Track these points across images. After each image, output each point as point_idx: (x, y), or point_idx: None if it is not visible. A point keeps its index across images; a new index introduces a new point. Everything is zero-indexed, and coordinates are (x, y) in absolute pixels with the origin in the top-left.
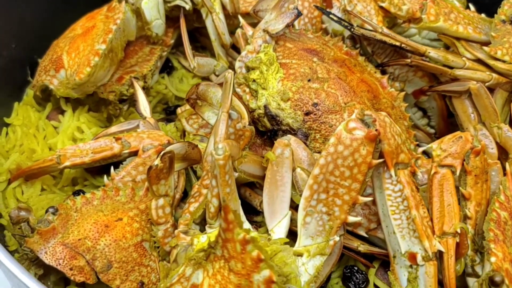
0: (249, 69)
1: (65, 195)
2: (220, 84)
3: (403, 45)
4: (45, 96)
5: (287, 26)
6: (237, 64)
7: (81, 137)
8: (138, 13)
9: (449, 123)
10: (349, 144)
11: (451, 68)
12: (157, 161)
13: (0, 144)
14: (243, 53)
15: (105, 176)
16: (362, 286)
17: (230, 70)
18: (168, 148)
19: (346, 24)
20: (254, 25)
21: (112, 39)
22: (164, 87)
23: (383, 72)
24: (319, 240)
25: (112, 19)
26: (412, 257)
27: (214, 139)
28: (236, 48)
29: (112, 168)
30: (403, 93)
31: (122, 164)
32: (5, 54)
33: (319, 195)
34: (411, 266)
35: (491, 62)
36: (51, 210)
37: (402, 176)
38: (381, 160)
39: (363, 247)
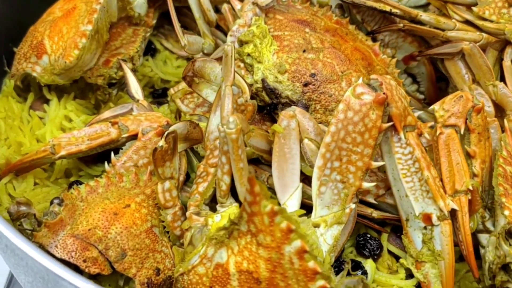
0: (242, 43)
1: (60, 188)
2: (217, 59)
3: (394, 10)
4: (25, 85)
5: None
6: (229, 39)
7: (70, 126)
8: None
9: (438, 88)
10: (358, 109)
11: (442, 30)
12: (161, 142)
13: None
14: (234, 27)
15: (105, 163)
16: (377, 253)
17: (229, 43)
18: (171, 128)
19: None
20: None
21: (97, 19)
22: (149, 70)
23: (374, 40)
24: (335, 209)
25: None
26: (427, 218)
27: (220, 114)
28: (219, 27)
29: (112, 153)
30: (395, 59)
31: (122, 149)
32: None
33: (333, 163)
34: (425, 228)
35: (480, 23)
36: (56, 201)
37: (411, 138)
38: (390, 123)
39: (376, 213)
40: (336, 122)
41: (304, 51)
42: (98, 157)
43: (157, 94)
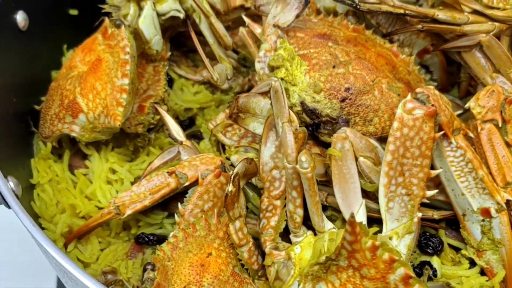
0: (272, 68)
1: (122, 241)
2: (260, 93)
3: (409, 12)
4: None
5: (297, 17)
6: (258, 66)
7: (116, 177)
8: (135, 33)
9: (448, 73)
10: (412, 124)
11: (458, 25)
12: (230, 188)
13: (39, 210)
14: (260, 53)
15: (175, 215)
16: (439, 249)
17: (274, 78)
18: (235, 171)
19: (350, 2)
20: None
21: (131, 70)
22: (174, 103)
23: (391, 41)
24: (404, 221)
25: (119, 48)
26: (485, 212)
27: (284, 151)
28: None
29: (179, 204)
30: (413, 57)
31: (185, 197)
32: (11, 112)
33: (397, 179)
34: (483, 220)
35: (489, 12)
36: (149, 267)
37: (460, 141)
38: (442, 132)
39: (437, 214)
40: (394, 140)
41: (333, 66)
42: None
43: (185, 125)
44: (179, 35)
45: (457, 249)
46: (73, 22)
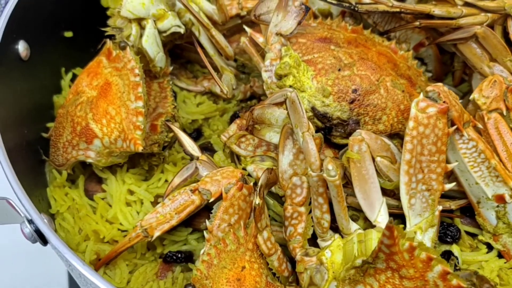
0: (280, 77)
1: (149, 261)
2: (275, 104)
3: (405, 10)
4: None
5: (299, 24)
6: (266, 75)
7: (134, 198)
8: (139, 52)
9: (442, 63)
10: (427, 122)
11: (452, 19)
12: (258, 201)
13: (66, 239)
14: (266, 63)
15: (204, 232)
16: (457, 237)
17: (290, 89)
18: (260, 183)
19: (347, 4)
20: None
21: (143, 92)
22: (181, 117)
23: (388, 39)
24: (426, 215)
25: (128, 70)
26: (500, 198)
27: (307, 160)
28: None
29: (207, 221)
30: (410, 52)
31: (211, 212)
32: (25, 144)
33: (417, 176)
34: (497, 206)
35: (481, 3)
36: None
37: (472, 133)
38: (455, 126)
39: (454, 205)
40: (411, 139)
41: (339, 69)
42: None
43: (194, 138)
44: (174, 47)
45: (473, 235)
46: (69, 44)
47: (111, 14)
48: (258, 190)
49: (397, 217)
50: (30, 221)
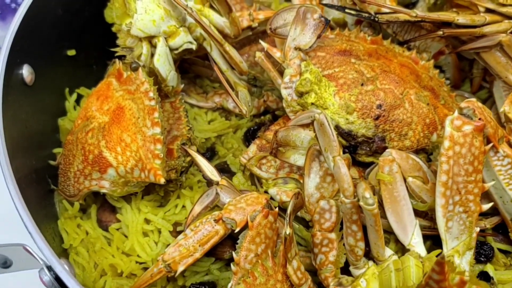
0: (301, 94)
1: None
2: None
3: (428, 20)
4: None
5: (319, 37)
6: (286, 92)
7: (151, 228)
8: (150, 72)
9: (461, 71)
10: (463, 141)
11: (476, 27)
12: (288, 230)
13: (81, 278)
14: (286, 79)
15: (231, 265)
16: (491, 255)
17: (317, 110)
18: (289, 211)
19: (366, 15)
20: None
21: (160, 117)
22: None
23: (408, 48)
24: (464, 238)
25: (142, 93)
26: None
27: (340, 186)
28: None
29: (233, 253)
30: (432, 61)
31: (237, 243)
32: (33, 173)
33: (454, 198)
34: None
35: (503, 10)
36: None
37: (507, 149)
38: (491, 144)
39: (488, 223)
40: (447, 160)
41: (362, 84)
42: None
43: (208, 158)
44: (182, 61)
45: (506, 253)
46: (72, 63)
47: (116, 30)
48: (287, 218)
49: (430, 237)
50: (50, 268)
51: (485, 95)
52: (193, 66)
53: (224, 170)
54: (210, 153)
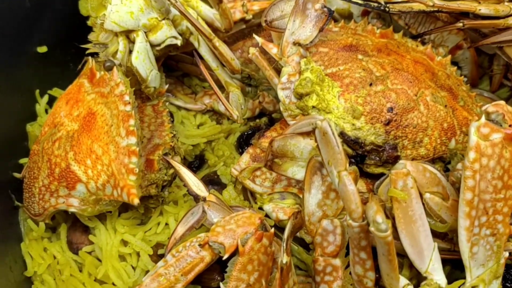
0: (301, 96)
1: None
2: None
3: (446, 10)
4: None
5: (321, 30)
6: (283, 94)
7: (129, 251)
8: (129, 71)
9: (479, 67)
10: (491, 152)
11: (500, 18)
12: (285, 259)
13: None
14: (283, 79)
15: None
16: None
17: (320, 117)
18: (285, 236)
19: (376, 4)
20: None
21: (136, 125)
22: (179, 143)
23: (423, 42)
24: (491, 265)
25: (116, 97)
26: None
27: (347, 207)
28: None
29: (221, 284)
30: (449, 57)
31: (226, 272)
32: None
33: (480, 220)
34: None
35: None
36: None
37: None
38: None
39: None
40: (473, 174)
41: (370, 84)
42: None
43: (196, 167)
44: (168, 58)
45: None
46: (43, 61)
47: (92, 24)
48: (284, 244)
49: (449, 261)
50: None
51: (506, 94)
52: (180, 63)
53: (214, 181)
54: (198, 162)
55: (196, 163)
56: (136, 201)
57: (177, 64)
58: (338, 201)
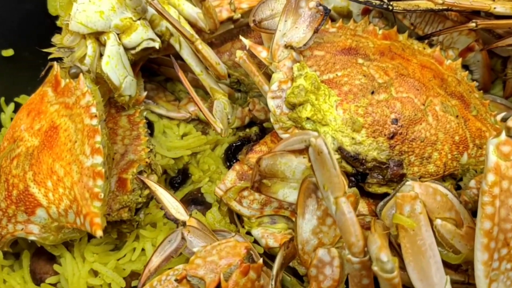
0: (293, 106)
1: None
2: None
3: (457, 8)
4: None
5: (316, 32)
6: (273, 103)
7: (99, 282)
8: (99, 78)
9: (491, 71)
10: None
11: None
12: None
13: None
14: (273, 86)
15: None
16: None
17: (314, 133)
18: (275, 270)
19: (378, 2)
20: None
21: (103, 141)
22: (159, 157)
23: (430, 44)
24: None
25: (81, 109)
26: None
27: (346, 240)
28: None
29: None
30: (459, 60)
31: None
32: None
33: (500, 252)
34: None
35: None
36: None
37: None
38: None
39: None
40: (492, 200)
41: (372, 92)
42: None
43: (178, 183)
44: (149, 61)
45: None
46: (10, 65)
47: (61, 25)
48: (273, 282)
49: None
50: None
51: None
52: (162, 67)
53: (197, 201)
54: (181, 177)
55: (178, 178)
56: (99, 233)
57: (159, 68)
58: (336, 228)
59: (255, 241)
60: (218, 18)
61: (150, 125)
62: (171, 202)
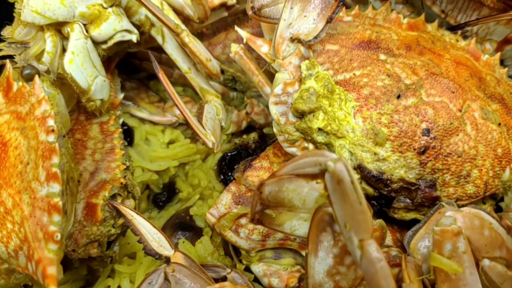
0: (302, 114)
1: None
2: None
3: None
4: None
5: (329, 21)
6: (277, 110)
7: None
8: (62, 80)
9: None
10: None
11: None
12: None
13: None
14: (277, 89)
15: None
16: None
17: (333, 155)
18: None
19: None
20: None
21: (61, 163)
22: (138, 168)
23: (464, 36)
24: None
25: (36, 120)
26: None
27: None
28: None
29: None
30: (497, 55)
31: None
32: None
33: None
34: None
35: None
36: None
37: None
38: None
39: None
40: None
41: (398, 96)
42: None
43: (162, 201)
44: (128, 55)
45: None
46: None
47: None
48: None
49: None
50: None
51: None
52: (144, 62)
53: (185, 225)
54: (167, 194)
55: (163, 196)
56: (51, 285)
57: (141, 63)
58: (356, 269)
59: (255, 280)
60: (209, 4)
61: (129, 132)
62: (151, 234)
